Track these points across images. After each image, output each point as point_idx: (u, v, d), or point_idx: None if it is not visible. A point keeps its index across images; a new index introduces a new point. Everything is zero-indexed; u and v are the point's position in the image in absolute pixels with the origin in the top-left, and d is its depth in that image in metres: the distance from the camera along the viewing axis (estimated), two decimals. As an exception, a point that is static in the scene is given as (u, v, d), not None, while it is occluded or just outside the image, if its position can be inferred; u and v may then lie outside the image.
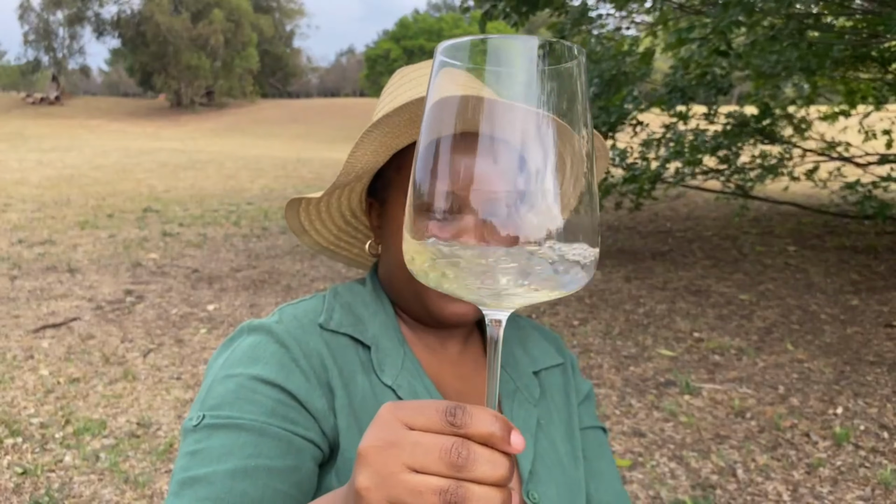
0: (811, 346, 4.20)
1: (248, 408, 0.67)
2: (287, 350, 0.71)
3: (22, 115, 41.00)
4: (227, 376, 0.70)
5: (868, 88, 8.00)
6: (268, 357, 0.71)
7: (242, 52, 54.77)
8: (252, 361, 0.70)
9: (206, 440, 0.65)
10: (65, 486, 2.65)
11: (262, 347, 0.72)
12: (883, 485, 2.67)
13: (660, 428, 3.18)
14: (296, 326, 0.74)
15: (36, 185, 12.49)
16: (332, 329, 0.76)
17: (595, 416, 0.92)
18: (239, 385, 0.68)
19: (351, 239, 0.91)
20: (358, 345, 0.76)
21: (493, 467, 0.40)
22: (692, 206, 10.14)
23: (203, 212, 9.87)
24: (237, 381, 0.69)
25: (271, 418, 0.67)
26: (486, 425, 0.40)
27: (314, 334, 0.74)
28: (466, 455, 0.39)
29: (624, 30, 6.92)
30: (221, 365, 0.72)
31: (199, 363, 3.95)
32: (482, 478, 0.39)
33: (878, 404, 3.38)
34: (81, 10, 57.28)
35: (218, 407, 0.67)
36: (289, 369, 0.70)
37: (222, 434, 0.65)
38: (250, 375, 0.69)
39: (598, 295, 5.42)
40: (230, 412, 0.66)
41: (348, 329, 0.76)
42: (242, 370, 0.70)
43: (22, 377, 3.68)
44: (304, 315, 0.77)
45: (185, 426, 0.69)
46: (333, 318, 0.77)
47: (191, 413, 0.69)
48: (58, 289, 5.47)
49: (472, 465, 0.39)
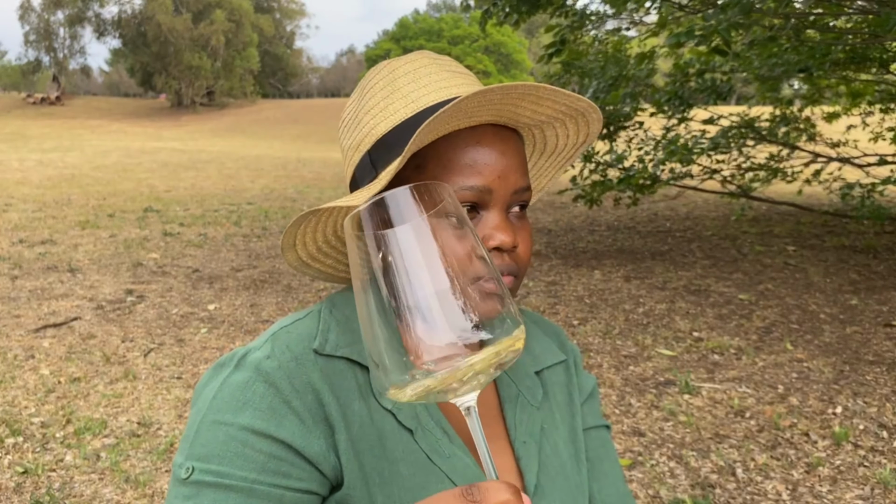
0: (810, 346, 4.21)
1: (238, 463, 0.65)
2: (277, 391, 0.68)
3: (23, 116, 41.02)
4: (216, 423, 0.67)
5: (870, 89, 8.01)
6: (257, 401, 0.67)
7: (243, 53, 54.78)
8: (241, 407, 0.67)
9: (194, 497, 0.64)
10: (65, 485, 2.66)
11: (251, 389, 0.68)
12: (882, 484, 2.67)
13: (659, 427, 3.19)
14: (288, 359, 0.70)
15: (37, 185, 12.51)
16: (328, 353, 0.71)
17: (599, 414, 0.91)
18: (228, 436, 0.66)
19: (329, 249, 0.84)
20: (356, 366, 0.72)
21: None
22: (692, 206, 10.15)
23: (204, 212, 9.87)
24: (226, 431, 0.66)
25: (262, 475, 0.65)
26: (501, 496, 0.44)
27: (308, 364, 0.70)
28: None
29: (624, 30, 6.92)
30: (210, 406, 0.69)
31: (199, 363, 3.96)
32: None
33: (877, 404, 3.38)
34: (82, 11, 57.28)
35: (207, 459, 0.65)
36: (281, 414, 0.67)
37: (210, 493, 0.64)
38: (240, 426, 0.66)
39: (597, 295, 5.42)
40: (219, 467, 0.65)
41: (345, 351, 0.72)
42: (231, 418, 0.67)
43: (23, 377, 3.69)
44: (298, 342, 0.72)
45: (175, 472, 0.67)
46: (329, 339, 0.72)
47: (179, 456, 0.68)
48: (58, 288, 5.47)
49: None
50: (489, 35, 51.07)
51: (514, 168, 0.70)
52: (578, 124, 0.75)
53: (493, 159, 0.69)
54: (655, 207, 9.71)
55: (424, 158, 0.69)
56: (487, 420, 0.78)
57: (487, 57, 55.65)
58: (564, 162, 0.82)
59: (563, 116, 0.73)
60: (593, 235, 8.02)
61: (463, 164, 0.68)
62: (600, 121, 0.74)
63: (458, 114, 0.65)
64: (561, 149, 0.80)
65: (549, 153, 0.81)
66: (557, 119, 0.73)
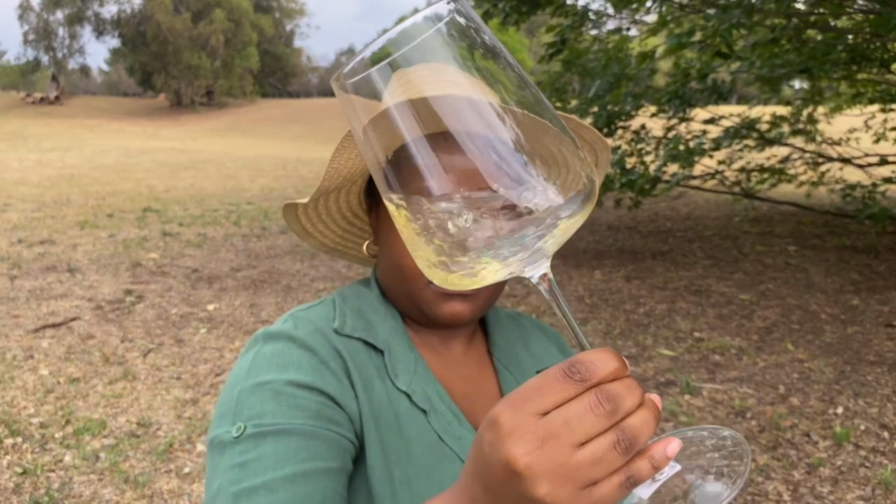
0: (811, 346, 4.20)
1: (292, 413, 0.66)
2: (314, 353, 0.71)
3: (22, 115, 41.00)
4: (258, 385, 0.68)
5: (873, 89, 8.00)
6: (297, 361, 0.69)
7: (243, 52, 54.77)
8: (282, 368, 0.69)
9: (253, 450, 0.63)
10: (65, 485, 2.65)
11: (288, 353, 0.70)
12: (883, 484, 2.67)
13: (660, 427, 3.18)
14: (313, 330, 0.74)
15: (36, 184, 12.49)
16: (347, 334, 0.75)
17: None
18: (276, 392, 0.67)
19: (357, 238, 0.90)
20: (371, 349, 0.76)
21: (632, 393, 0.41)
22: (692, 206, 10.14)
23: (203, 211, 9.87)
24: (272, 387, 0.67)
25: (318, 421, 0.66)
26: (608, 365, 0.41)
27: (332, 337, 0.74)
28: (611, 399, 0.40)
29: (624, 30, 6.92)
30: (246, 375, 0.70)
31: (198, 363, 3.95)
32: (631, 408, 0.41)
33: (878, 404, 3.38)
34: (81, 10, 57.29)
35: (259, 416, 0.65)
36: (321, 372, 0.69)
37: (272, 441, 0.64)
38: (285, 381, 0.68)
39: (598, 295, 5.42)
40: (274, 419, 0.65)
41: (362, 334, 0.75)
42: (275, 376, 0.68)
43: (22, 377, 3.68)
44: (319, 319, 0.76)
45: (218, 440, 0.66)
46: (347, 322, 0.76)
47: (217, 428, 0.67)
48: (58, 288, 5.46)
49: (620, 406, 0.40)
50: (489, 35, 50.96)
51: None
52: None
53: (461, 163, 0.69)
54: (656, 207, 9.70)
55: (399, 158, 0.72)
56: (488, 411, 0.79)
57: (487, 57, 55.57)
58: None
59: None
60: (594, 235, 8.01)
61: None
62: (591, 128, 0.74)
63: None
64: None
65: None
66: None
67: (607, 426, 0.40)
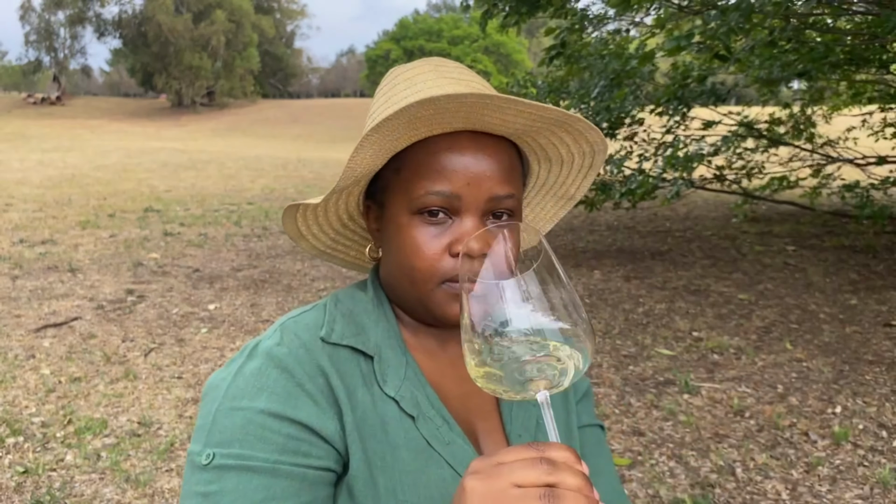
0: (810, 346, 4.21)
1: (258, 446, 0.66)
2: (290, 375, 0.70)
3: (23, 116, 41.04)
4: (233, 409, 0.68)
5: (870, 89, 8.01)
6: (272, 386, 0.69)
7: (243, 53, 54.79)
8: (257, 392, 0.69)
9: (217, 482, 0.65)
10: (66, 485, 2.66)
11: (265, 375, 0.70)
12: (881, 484, 2.68)
13: (659, 427, 3.19)
14: (298, 346, 0.72)
15: (37, 184, 12.51)
16: (334, 342, 0.74)
17: (593, 414, 0.93)
18: (246, 420, 0.67)
19: (348, 242, 0.90)
20: (360, 356, 0.75)
21: (576, 476, 0.52)
22: (691, 206, 10.15)
23: (204, 211, 9.88)
24: (244, 415, 0.68)
25: (283, 455, 0.66)
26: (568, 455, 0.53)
27: (316, 350, 0.73)
28: (554, 465, 0.52)
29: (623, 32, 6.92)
30: (225, 394, 0.70)
31: (199, 363, 3.96)
32: (570, 483, 0.51)
33: (876, 403, 3.39)
34: (83, 11, 57.27)
35: (227, 444, 0.66)
36: (295, 396, 0.69)
37: (233, 476, 0.65)
38: (257, 409, 0.68)
39: (597, 294, 5.43)
40: (240, 450, 0.66)
41: (350, 340, 0.75)
42: (248, 403, 0.68)
43: (23, 376, 3.69)
44: (306, 330, 0.75)
45: (191, 458, 0.68)
46: (335, 329, 0.75)
47: (194, 443, 0.69)
48: (59, 288, 5.48)
49: (559, 472, 0.51)
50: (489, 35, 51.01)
51: (489, 175, 0.71)
52: (572, 133, 0.75)
53: (463, 165, 0.70)
54: (655, 207, 9.71)
55: (402, 162, 0.72)
56: (483, 414, 0.80)
57: (487, 57, 55.65)
58: (588, 170, 0.83)
59: (540, 125, 0.72)
60: (593, 235, 8.03)
61: (433, 169, 0.70)
62: (592, 128, 0.74)
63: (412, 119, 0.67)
64: (570, 161, 0.81)
65: (559, 164, 0.82)
66: (535, 128, 0.73)
67: (544, 483, 0.50)
